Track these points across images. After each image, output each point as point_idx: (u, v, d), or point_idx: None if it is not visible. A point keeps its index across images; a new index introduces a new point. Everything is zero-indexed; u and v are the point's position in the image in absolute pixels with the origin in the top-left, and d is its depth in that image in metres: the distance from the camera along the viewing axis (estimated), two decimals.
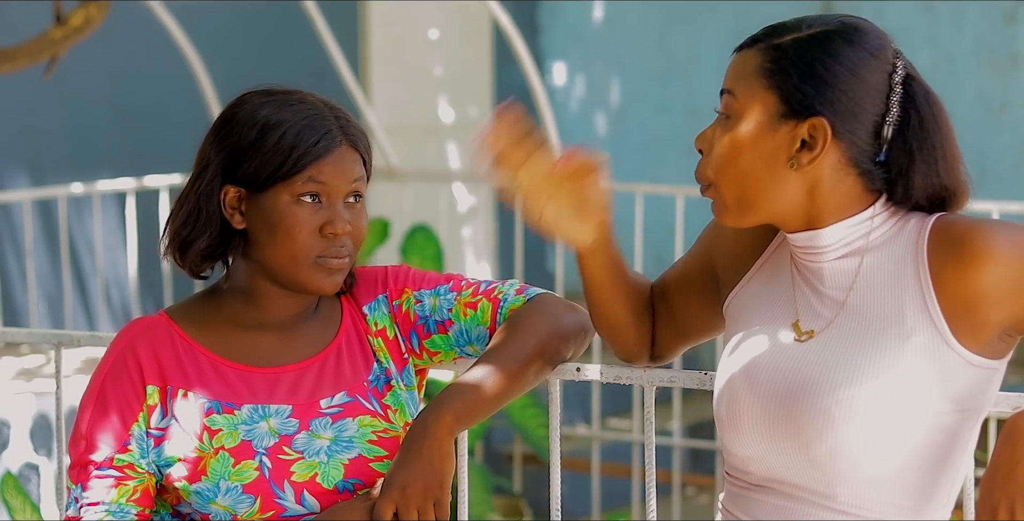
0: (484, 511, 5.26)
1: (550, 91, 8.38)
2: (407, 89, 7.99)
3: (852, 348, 2.07)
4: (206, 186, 2.27)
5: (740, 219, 2.12)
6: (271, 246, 2.26)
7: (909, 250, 2.08)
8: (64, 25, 4.81)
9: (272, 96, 2.29)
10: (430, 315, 2.36)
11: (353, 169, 2.28)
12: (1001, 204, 5.35)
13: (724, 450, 2.18)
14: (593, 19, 8.44)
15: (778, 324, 2.14)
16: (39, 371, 5.09)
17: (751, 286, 2.21)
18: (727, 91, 2.10)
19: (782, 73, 2.07)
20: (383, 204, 7.56)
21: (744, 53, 2.11)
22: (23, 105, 6.35)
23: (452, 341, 2.36)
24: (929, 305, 2.04)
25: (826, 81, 2.06)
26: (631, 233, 5.98)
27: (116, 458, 2.25)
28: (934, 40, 7.55)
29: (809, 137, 2.06)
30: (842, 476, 2.05)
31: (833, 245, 2.10)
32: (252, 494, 2.22)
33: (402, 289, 2.38)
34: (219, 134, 2.28)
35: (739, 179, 2.08)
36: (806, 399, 2.06)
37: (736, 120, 2.08)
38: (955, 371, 2.04)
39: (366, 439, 2.27)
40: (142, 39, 6.69)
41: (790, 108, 2.06)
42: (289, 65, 7.30)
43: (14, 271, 6.38)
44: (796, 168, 2.07)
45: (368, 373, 2.33)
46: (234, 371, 2.29)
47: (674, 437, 5.85)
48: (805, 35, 2.08)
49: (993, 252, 2.00)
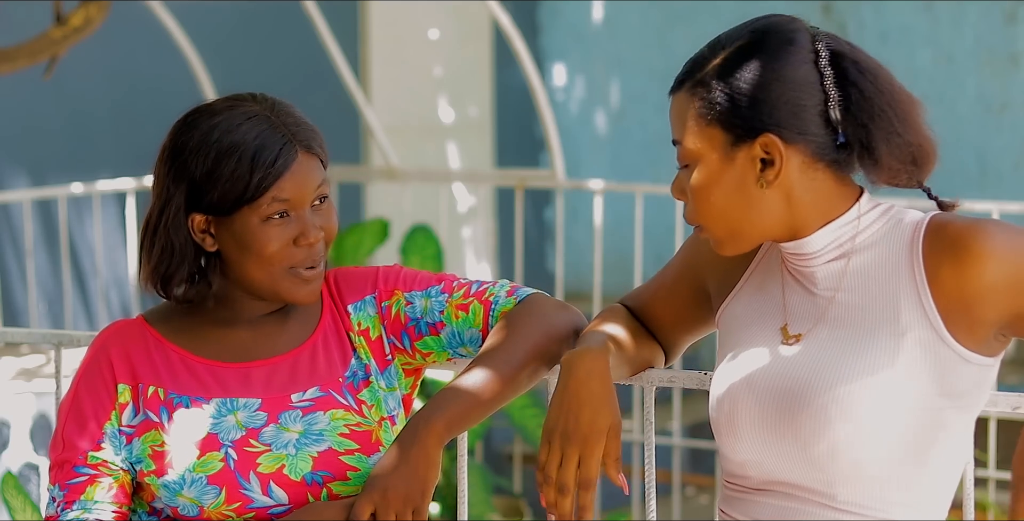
0: (484, 511, 5.26)
1: (550, 91, 8.38)
2: (407, 89, 7.98)
3: (847, 347, 2.08)
4: (172, 219, 2.28)
5: (738, 249, 2.15)
6: (246, 264, 2.28)
7: (904, 249, 2.09)
8: (64, 25, 4.81)
9: (218, 115, 2.27)
10: (421, 317, 2.37)
11: (314, 176, 2.29)
12: (1001, 204, 5.35)
13: (722, 457, 2.19)
14: (593, 19, 8.43)
15: (771, 329, 2.15)
16: (39, 371, 5.08)
17: (742, 295, 2.23)
18: (676, 142, 2.13)
19: (714, 108, 2.09)
20: (383, 204, 7.56)
21: (676, 98, 2.14)
22: (23, 105, 6.35)
23: (444, 343, 2.37)
24: (924, 303, 2.05)
25: (757, 98, 2.08)
26: (631, 233, 5.97)
27: (90, 456, 2.28)
28: (934, 40, 7.55)
29: (765, 154, 2.08)
30: (842, 475, 2.06)
31: (822, 250, 2.12)
32: (217, 485, 2.25)
33: (392, 290, 2.39)
34: (174, 165, 2.28)
35: (722, 216, 2.11)
36: (803, 398, 2.06)
37: (695, 165, 2.11)
38: (951, 368, 2.05)
39: (337, 432, 2.29)
40: (142, 39, 6.69)
41: (736, 135, 2.09)
42: (289, 65, 7.30)
43: (14, 271, 6.38)
44: (766, 187, 2.09)
45: (345, 369, 2.34)
46: (205, 366, 2.32)
47: (674, 437, 5.85)
48: (720, 60, 2.11)
49: (990, 252, 2.01)
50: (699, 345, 2.47)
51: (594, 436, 2.14)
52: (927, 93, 7.64)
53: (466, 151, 8.20)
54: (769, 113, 2.07)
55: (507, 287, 2.38)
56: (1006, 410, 2.25)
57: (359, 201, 7.62)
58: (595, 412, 2.14)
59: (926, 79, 7.58)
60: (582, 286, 7.47)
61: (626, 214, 6.39)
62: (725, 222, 2.11)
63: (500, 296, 2.37)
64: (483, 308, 2.36)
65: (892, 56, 8.67)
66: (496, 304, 2.36)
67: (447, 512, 5.41)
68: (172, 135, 2.30)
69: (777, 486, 2.12)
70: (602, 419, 2.15)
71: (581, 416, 2.14)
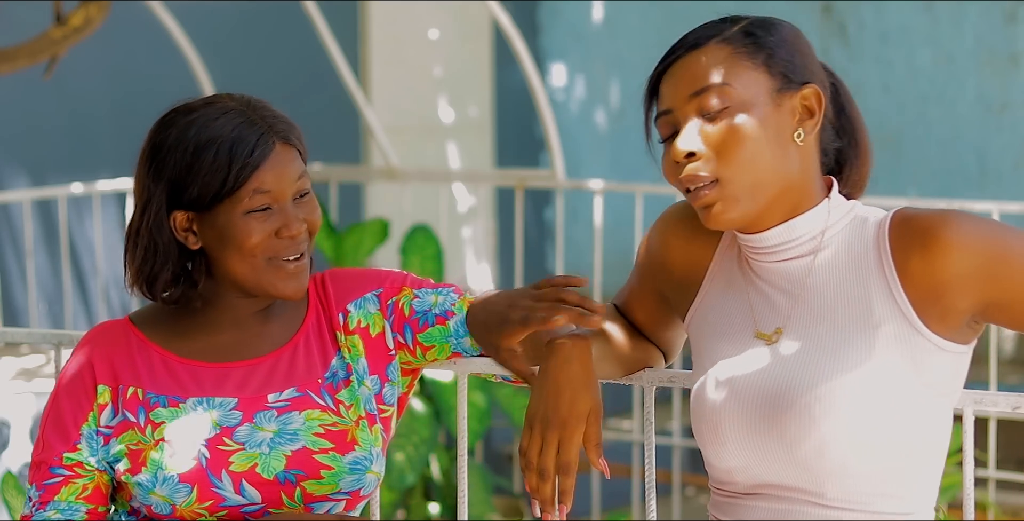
0: (484, 511, 5.26)
1: (550, 91, 8.38)
2: (407, 89, 7.98)
3: (823, 345, 2.08)
4: (154, 218, 2.29)
5: (746, 211, 2.09)
6: (229, 258, 2.29)
7: (870, 244, 2.10)
8: (64, 25, 4.81)
9: (194, 112, 2.29)
10: (429, 310, 2.37)
11: (293, 168, 2.29)
12: (1001, 204, 5.35)
13: (708, 464, 2.18)
14: (593, 19, 8.43)
15: (743, 332, 2.15)
16: (39, 371, 5.09)
17: (707, 302, 2.22)
18: (714, 85, 2.08)
19: (763, 50, 2.09)
20: (383, 204, 7.56)
21: (696, 54, 2.11)
22: (23, 105, 6.35)
23: (451, 331, 2.37)
24: (896, 295, 2.06)
25: (798, 50, 2.11)
26: (631, 233, 5.97)
27: (65, 457, 2.30)
28: (934, 40, 7.55)
29: (803, 108, 2.09)
30: (829, 472, 2.06)
31: (801, 238, 2.11)
32: (189, 483, 2.25)
33: (400, 287, 2.40)
34: (153, 164, 2.30)
35: (754, 163, 2.07)
36: (785, 400, 2.07)
37: (738, 107, 2.07)
38: (927, 357, 2.06)
39: (312, 431, 2.29)
40: (142, 39, 6.69)
41: (783, 82, 2.09)
42: (289, 65, 7.29)
43: (14, 271, 6.37)
44: (802, 140, 2.09)
45: (325, 370, 2.35)
46: (184, 366, 2.33)
47: (674, 437, 5.85)
48: (747, 22, 2.12)
49: (957, 241, 2.03)
50: None
51: (573, 420, 2.13)
52: (927, 93, 7.64)
53: (466, 151, 8.20)
54: (808, 68, 2.11)
55: None
56: (1006, 410, 2.25)
57: (359, 201, 7.62)
58: (574, 396, 2.13)
59: (926, 79, 7.58)
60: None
61: (626, 214, 6.39)
62: (753, 173, 2.07)
63: None
64: None
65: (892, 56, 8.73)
66: None
67: (447, 512, 5.41)
68: (150, 135, 2.32)
69: (765, 489, 2.12)
70: (582, 403, 2.13)
71: (560, 400, 2.13)
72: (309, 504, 2.28)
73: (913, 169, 7.62)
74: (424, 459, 5.20)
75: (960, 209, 2.10)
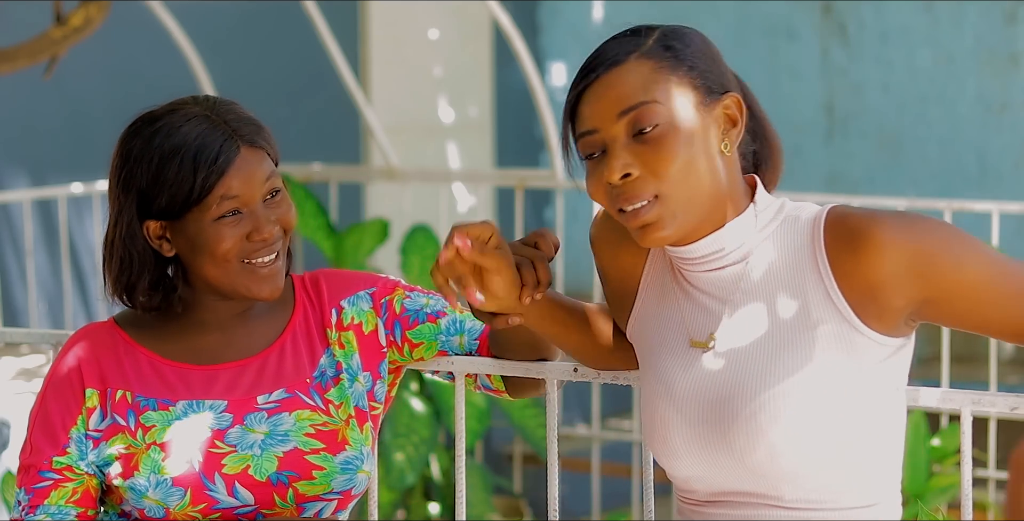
0: (484, 511, 5.26)
1: (550, 91, 8.38)
2: (407, 89, 7.98)
3: (762, 350, 2.07)
4: (127, 228, 2.30)
5: (681, 226, 2.06)
6: (202, 264, 2.29)
7: (805, 243, 2.08)
8: (64, 25, 4.81)
9: (158, 121, 2.29)
10: (421, 308, 2.39)
11: (261, 170, 2.29)
12: (1001, 204, 5.35)
13: (668, 474, 2.18)
14: (593, 19, 8.43)
15: (678, 342, 2.14)
16: (39, 371, 5.08)
17: (643, 313, 2.21)
18: (643, 103, 2.04)
19: (683, 63, 2.08)
20: (383, 204, 7.56)
21: (617, 72, 2.07)
22: (23, 105, 6.35)
23: (441, 329, 2.38)
24: (832, 295, 2.05)
25: (715, 58, 2.11)
26: None
27: (55, 460, 2.30)
28: (934, 40, 7.54)
29: (725, 117, 2.08)
30: (784, 476, 2.06)
31: (731, 245, 2.09)
32: (182, 487, 2.25)
33: (393, 288, 2.42)
34: (121, 175, 2.30)
35: (689, 177, 2.04)
36: (730, 410, 2.06)
37: (668, 123, 2.04)
38: (867, 354, 2.05)
39: (303, 432, 2.30)
40: (142, 39, 6.69)
41: (707, 93, 2.07)
42: (289, 65, 7.29)
43: (14, 271, 6.38)
44: (728, 150, 2.08)
45: (313, 369, 2.35)
46: (172, 369, 2.33)
47: None
48: (660, 33, 2.13)
49: (888, 241, 2.02)
50: None
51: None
52: (927, 93, 7.64)
53: (466, 151, 8.20)
54: (726, 75, 2.11)
55: None
56: (1005, 410, 2.25)
57: (359, 201, 7.62)
58: None
59: (926, 79, 7.58)
60: (582, 286, 7.46)
61: None
62: (688, 188, 2.03)
63: None
64: None
65: (892, 56, 8.74)
66: None
67: (447, 512, 5.41)
68: (117, 145, 2.33)
69: (725, 496, 2.12)
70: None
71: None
72: (301, 504, 2.29)
73: (913, 169, 7.62)
74: (424, 459, 5.20)
75: (894, 210, 2.11)
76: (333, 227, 5.93)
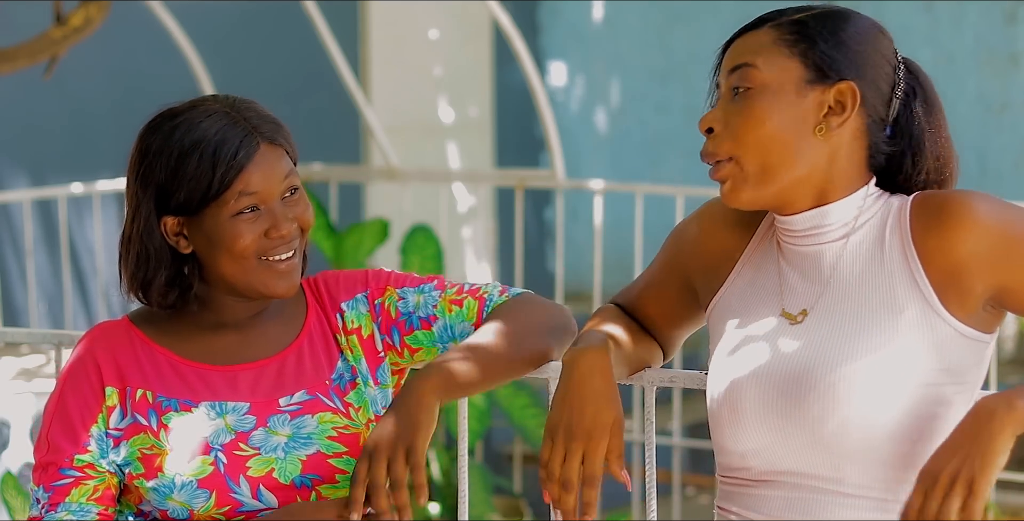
0: (484, 511, 5.26)
1: (550, 91, 8.38)
2: (407, 89, 7.98)
3: (847, 327, 2.10)
4: (144, 224, 2.29)
5: (758, 192, 2.13)
6: (219, 261, 2.28)
7: (893, 226, 2.12)
8: (64, 25, 4.81)
9: (178, 116, 2.29)
10: (413, 311, 2.38)
11: (280, 167, 2.28)
12: None
13: (720, 450, 2.19)
14: (593, 19, 8.43)
15: (768, 314, 2.17)
16: (39, 371, 5.09)
17: (735, 287, 2.24)
18: (745, 65, 2.12)
19: (805, 41, 2.11)
20: (383, 204, 7.56)
21: (752, 34, 2.15)
22: (23, 105, 6.35)
23: (435, 337, 2.38)
24: (917, 277, 2.08)
25: (850, 47, 2.12)
26: (631, 233, 5.97)
27: (76, 458, 2.28)
28: (934, 40, 7.55)
29: (835, 102, 2.11)
30: (850, 454, 2.07)
31: (834, 224, 2.13)
32: (207, 489, 2.24)
33: (384, 287, 2.40)
34: (140, 170, 2.30)
35: (765, 146, 2.10)
36: (810, 379, 2.08)
37: (760, 90, 2.11)
38: (948, 343, 2.08)
39: (326, 435, 2.29)
40: (142, 39, 6.69)
41: (817, 74, 2.11)
42: (289, 65, 7.30)
43: (14, 271, 6.38)
44: (823, 133, 2.10)
45: (331, 371, 2.35)
46: (192, 370, 2.32)
47: (674, 437, 5.85)
48: (814, 11, 2.14)
49: (973, 219, 2.06)
50: (699, 345, 2.47)
51: (598, 431, 2.14)
52: None
53: (466, 151, 8.20)
54: (857, 65, 2.12)
55: (499, 287, 2.41)
56: None
57: (359, 201, 7.62)
58: (598, 408, 2.15)
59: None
60: (582, 286, 7.47)
61: (626, 214, 6.38)
62: (765, 155, 2.10)
63: (493, 294, 2.39)
64: (477, 304, 2.38)
65: None
66: (490, 300, 2.38)
67: (447, 512, 5.41)
68: (137, 141, 2.32)
69: (780, 476, 2.12)
70: (606, 415, 2.15)
71: (585, 412, 2.15)
72: None
73: None
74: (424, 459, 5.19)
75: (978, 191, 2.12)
76: (333, 227, 5.93)
